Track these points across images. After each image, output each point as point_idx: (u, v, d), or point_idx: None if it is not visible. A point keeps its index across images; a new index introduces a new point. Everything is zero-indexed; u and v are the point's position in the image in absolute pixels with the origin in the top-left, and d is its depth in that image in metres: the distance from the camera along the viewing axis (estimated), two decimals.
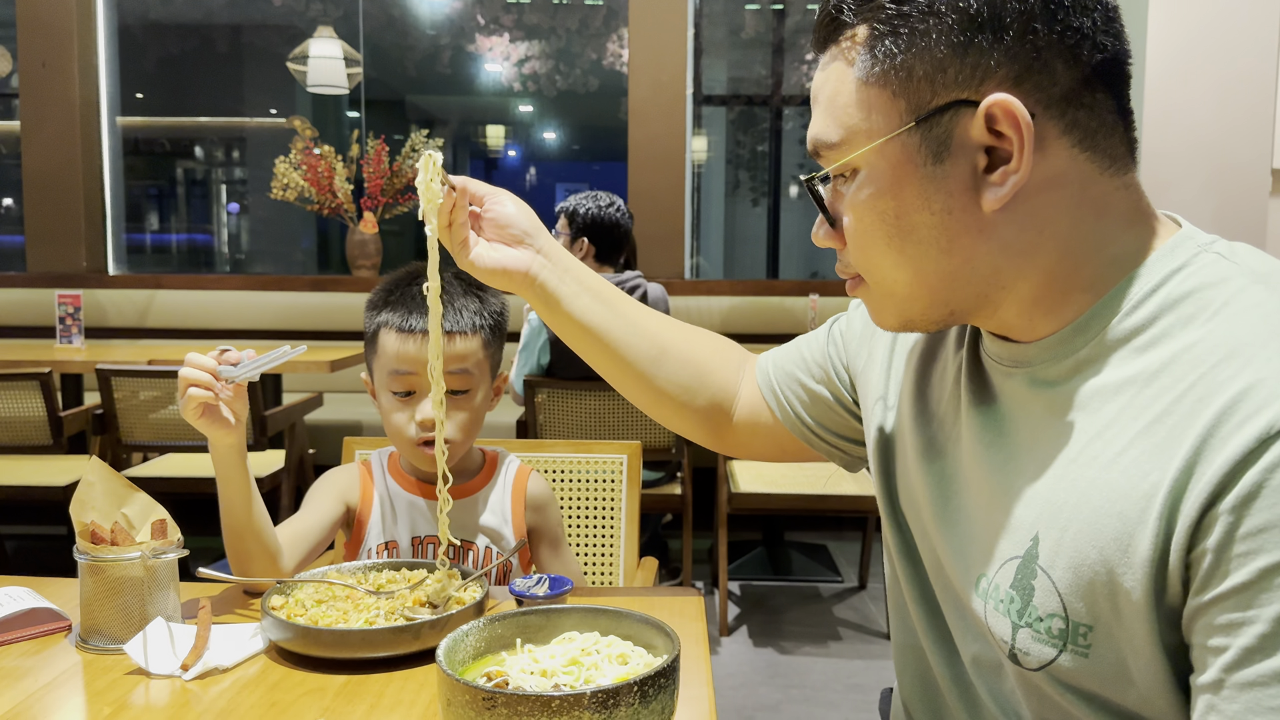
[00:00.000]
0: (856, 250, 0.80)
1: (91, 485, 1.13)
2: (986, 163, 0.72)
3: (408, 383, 1.36)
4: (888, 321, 0.84)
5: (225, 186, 8.38)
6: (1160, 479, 0.65)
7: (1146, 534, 0.65)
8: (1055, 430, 0.74)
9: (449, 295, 1.38)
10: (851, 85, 0.75)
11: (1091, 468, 0.70)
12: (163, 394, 3.19)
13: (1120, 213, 0.75)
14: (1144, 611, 0.66)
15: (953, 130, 0.72)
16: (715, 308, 4.53)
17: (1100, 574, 0.68)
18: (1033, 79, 0.70)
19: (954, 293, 0.77)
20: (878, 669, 2.94)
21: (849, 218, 0.78)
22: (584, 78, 6.42)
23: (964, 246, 0.74)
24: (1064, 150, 0.72)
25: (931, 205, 0.74)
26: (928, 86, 0.72)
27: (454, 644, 0.87)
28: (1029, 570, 0.73)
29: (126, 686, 0.98)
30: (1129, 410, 0.69)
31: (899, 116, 0.73)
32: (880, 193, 0.75)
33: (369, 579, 1.18)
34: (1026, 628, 0.73)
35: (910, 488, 0.91)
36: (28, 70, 4.66)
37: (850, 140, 0.76)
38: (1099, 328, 0.74)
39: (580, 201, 3.09)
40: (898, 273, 0.78)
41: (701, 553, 3.96)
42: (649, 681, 0.78)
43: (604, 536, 1.73)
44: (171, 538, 1.10)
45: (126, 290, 4.59)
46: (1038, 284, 0.75)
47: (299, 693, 0.97)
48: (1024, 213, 0.73)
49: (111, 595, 1.06)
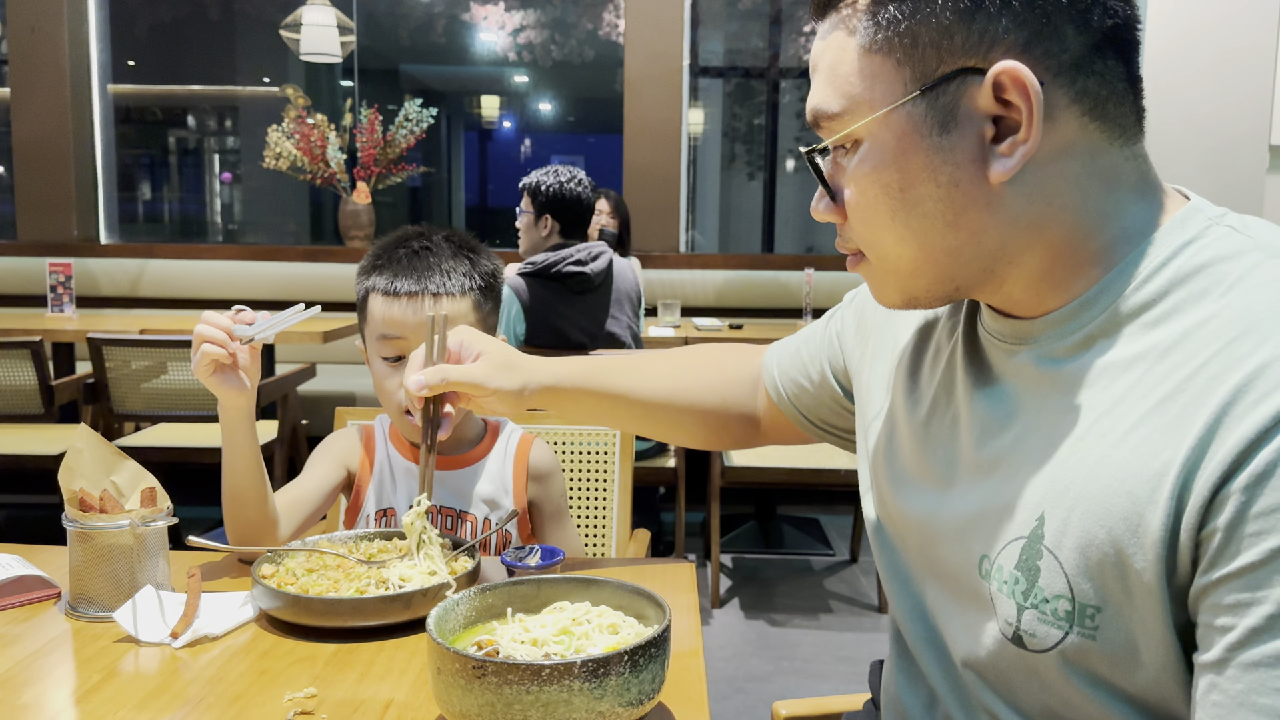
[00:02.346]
0: (859, 224, 0.77)
1: (80, 453, 1.12)
2: (994, 133, 0.70)
3: (397, 347, 1.35)
4: (891, 299, 0.81)
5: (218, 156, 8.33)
6: (1172, 458, 0.63)
7: (1157, 513, 0.64)
8: (1061, 408, 0.72)
9: (437, 257, 1.36)
10: (853, 53, 0.73)
11: (1099, 446, 0.68)
12: (154, 363, 3.18)
13: (1129, 184, 0.73)
14: (1155, 591, 0.64)
15: (959, 99, 0.70)
16: (710, 281, 4.52)
17: (1109, 554, 0.66)
18: (1042, 45, 0.68)
19: (960, 268, 0.75)
20: (868, 641, 2.96)
21: (851, 191, 0.76)
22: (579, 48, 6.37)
23: (970, 220, 0.72)
24: (1073, 119, 0.70)
25: (938, 177, 0.71)
26: (933, 54, 0.69)
27: (444, 613, 0.87)
28: (1034, 551, 0.71)
29: (116, 654, 0.98)
30: (1139, 387, 0.68)
31: (903, 85, 0.71)
32: (884, 165, 0.73)
33: (360, 548, 1.18)
34: (1032, 609, 0.71)
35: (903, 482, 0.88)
36: (16, 35, 4.60)
37: (852, 110, 0.73)
38: (1107, 302, 0.72)
39: (541, 178, 3.07)
40: (902, 247, 0.75)
41: (694, 526, 3.98)
42: (640, 651, 0.78)
43: (597, 508, 1.73)
44: (161, 506, 1.10)
45: (118, 259, 4.56)
46: (1045, 258, 0.73)
47: (289, 661, 0.97)
48: (1032, 184, 0.71)
49: (101, 563, 1.05)
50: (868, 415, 0.97)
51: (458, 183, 10.06)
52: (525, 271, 3.01)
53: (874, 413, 0.96)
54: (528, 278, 3.01)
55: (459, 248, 1.39)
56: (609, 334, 3.13)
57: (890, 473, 0.91)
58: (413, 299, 1.33)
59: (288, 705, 0.87)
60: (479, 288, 1.38)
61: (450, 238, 1.39)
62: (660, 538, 3.77)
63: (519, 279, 3.01)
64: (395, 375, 1.35)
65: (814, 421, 1.12)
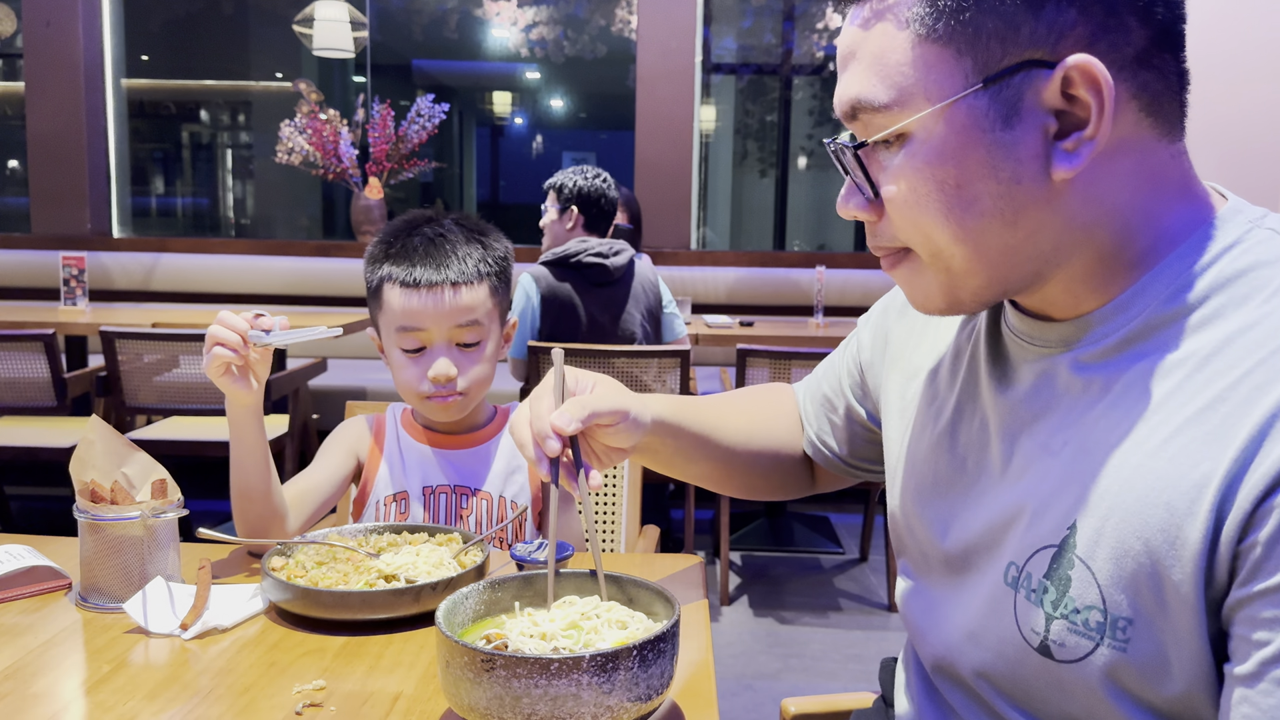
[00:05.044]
0: (905, 223, 0.73)
1: (91, 444, 1.12)
2: (1057, 128, 0.67)
3: (418, 338, 1.34)
4: (933, 302, 0.77)
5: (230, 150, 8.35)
6: (1213, 469, 0.62)
7: (1196, 526, 0.62)
8: (1094, 413, 0.70)
9: (452, 244, 1.35)
10: (905, 41, 0.69)
11: (1136, 454, 0.66)
12: (166, 357, 3.19)
13: (1174, 183, 0.71)
14: (1191, 603, 0.63)
15: (1023, 93, 0.67)
16: (721, 279, 4.51)
17: (1145, 565, 0.65)
18: (1107, 38, 0.65)
19: (1013, 269, 0.72)
20: (877, 640, 2.95)
21: (898, 187, 0.72)
22: (592, 44, 6.36)
23: (1030, 218, 0.69)
24: (1130, 115, 0.68)
25: (998, 174, 0.68)
26: (998, 45, 0.66)
27: (454, 606, 0.87)
28: (1065, 560, 0.69)
29: (125, 645, 0.98)
30: (1178, 395, 0.66)
31: (964, 77, 0.67)
32: (940, 160, 0.69)
33: (370, 541, 1.18)
34: (1062, 619, 0.69)
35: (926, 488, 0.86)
36: (32, 30, 4.62)
37: (903, 102, 0.69)
38: (1145, 305, 0.70)
39: (567, 176, 3.18)
40: (956, 247, 0.71)
41: (703, 523, 3.97)
42: (648, 646, 0.78)
43: (607, 504, 1.73)
44: (172, 497, 1.10)
45: (131, 253, 4.58)
46: (1090, 260, 0.71)
47: (298, 653, 0.97)
48: (1088, 183, 0.68)
49: (111, 554, 1.06)
50: (890, 424, 0.95)
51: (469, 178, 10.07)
52: (546, 260, 3.05)
53: (896, 421, 0.94)
54: (549, 265, 3.05)
55: (471, 232, 1.38)
56: (623, 331, 3.13)
57: (914, 479, 0.89)
58: (433, 290, 1.32)
59: (296, 697, 0.87)
60: (494, 273, 1.37)
61: (460, 221, 1.39)
62: (669, 534, 3.77)
63: (539, 266, 3.05)
64: (414, 366, 1.35)
65: (849, 462, 1.09)
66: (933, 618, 0.86)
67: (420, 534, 1.20)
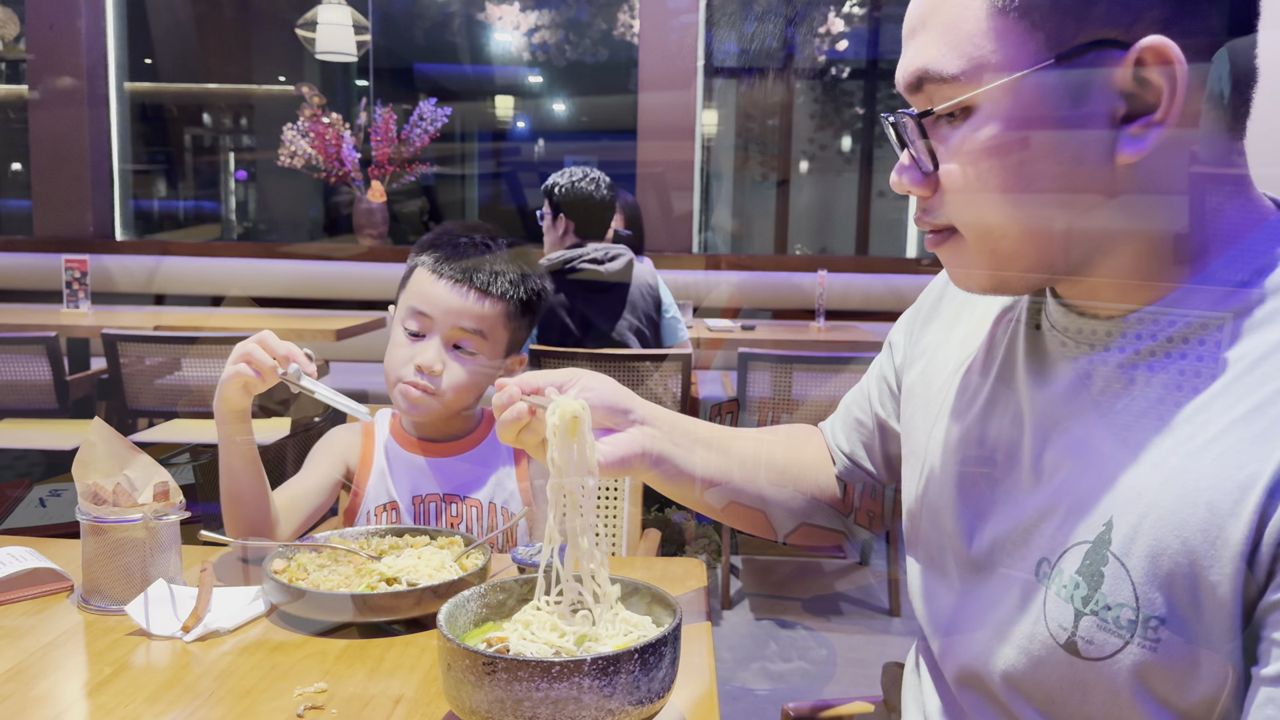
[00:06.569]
0: (960, 199, 0.72)
1: (94, 446, 1.12)
2: (1125, 111, 0.66)
3: (423, 324, 1.36)
4: (978, 281, 0.76)
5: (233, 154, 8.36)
6: (1259, 471, 0.61)
7: (1239, 527, 0.61)
8: (1135, 411, 0.69)
9: (493, 257, 1.39)
10: (981, 10, 0.67)
11: (1177, 453, 0.66)
12: (168, 359, 3.19)
13: (1230, 181, 0.70)
14: (1227, 605, 0.62)
15: (1094, 72, 0.65)
16: (724, 283, 4.51)
17: (1182, 564, 0.64)
18: (1181, 23, 0.64)
19: (1061, 253, 0.71)
20: (879, 643, 2.94)
21: (958, 161, 0.70)
22: (594, 48, 6.37)
23: (1085, 202, 0.68)
24: (1197, 105, 0.66)
25: (1060, 153, 0.67)
26: (1073, 21, 0.65)
27: (455, 609, 0.87)
28: (1099, 556, 0.68)
29: (127, 647, 0.98)
30: (1225, 396, 0.65)
31: (1036, 51, 0.66)
32: (1004, 134, 0.67)
33: (371, 544, 1.18)
34: (1092, 615, 0.68)
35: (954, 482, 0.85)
36: (35, 33, 4.63)
37: (973, 74, 0.68)
38: (1194, 306, 0.69)
39: (556, 179, 3.10)
40: (1009, 226, 0.70)
41: (705, 526, 3.97)
42: (650, 650, 0.78)
43: (607, 508, 1.72)
44: (173, 500, 1.10)
45: (134, 256, 4.58)
46: (1141, 251, 0.70)
47: (299, 656, 0.97)
48: (1149, 170, 0.67)
49: (113, 556, 1.06)
50: (915, 413, 0.94)
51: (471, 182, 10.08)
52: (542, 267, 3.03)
53: (920, 411, 0.93)
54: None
55: (515, 258, 1.41)
56: (617, 337, 3.12)
57: (937, 471, 0.88)
58: (456, 285, 1.36)
59: (298, 700, 0.87)
60: (519, 299, 1.39)
61: (512, 245, 1.43)
62: (670, 538, 3.76)
63: None
64: (408, 348, 1.37)
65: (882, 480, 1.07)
66: (957, 616, 0.84)
67: (421, 537, 1.20)
